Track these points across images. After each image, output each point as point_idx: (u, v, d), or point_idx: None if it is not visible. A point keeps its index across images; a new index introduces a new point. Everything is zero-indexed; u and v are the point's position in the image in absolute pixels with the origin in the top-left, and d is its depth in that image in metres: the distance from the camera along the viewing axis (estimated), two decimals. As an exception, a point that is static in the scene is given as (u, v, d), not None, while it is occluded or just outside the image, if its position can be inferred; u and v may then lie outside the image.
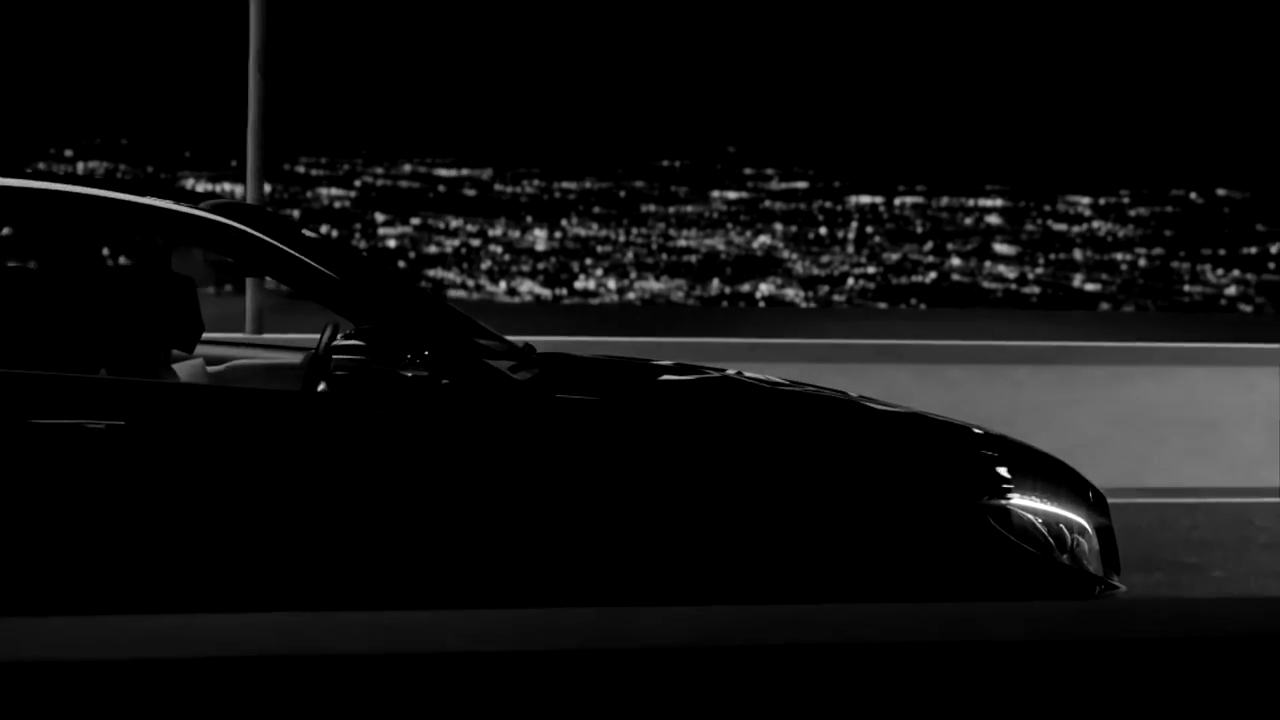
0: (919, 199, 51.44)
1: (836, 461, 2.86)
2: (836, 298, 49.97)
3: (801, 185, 52.44)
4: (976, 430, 3.12)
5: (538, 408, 2.79)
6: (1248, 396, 6.61)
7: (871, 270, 50.67)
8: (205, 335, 3.29)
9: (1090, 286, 50.79)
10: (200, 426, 2.79)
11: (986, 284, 49.62)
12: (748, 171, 52.18)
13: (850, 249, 52.07)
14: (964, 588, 2.79)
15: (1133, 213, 50.37)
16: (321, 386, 3.02)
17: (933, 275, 50.49)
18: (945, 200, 50.60)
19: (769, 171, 52.09)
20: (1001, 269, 50.02)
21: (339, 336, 3.32)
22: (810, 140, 51.46)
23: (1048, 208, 50.74)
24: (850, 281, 50.31)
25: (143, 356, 3.09)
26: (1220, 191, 49.73)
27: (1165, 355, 6.90)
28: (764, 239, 53.11)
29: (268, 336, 6.32)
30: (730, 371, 3.49)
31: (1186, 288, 50.26)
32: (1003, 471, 2.90)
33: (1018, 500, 2.96)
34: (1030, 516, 2.91)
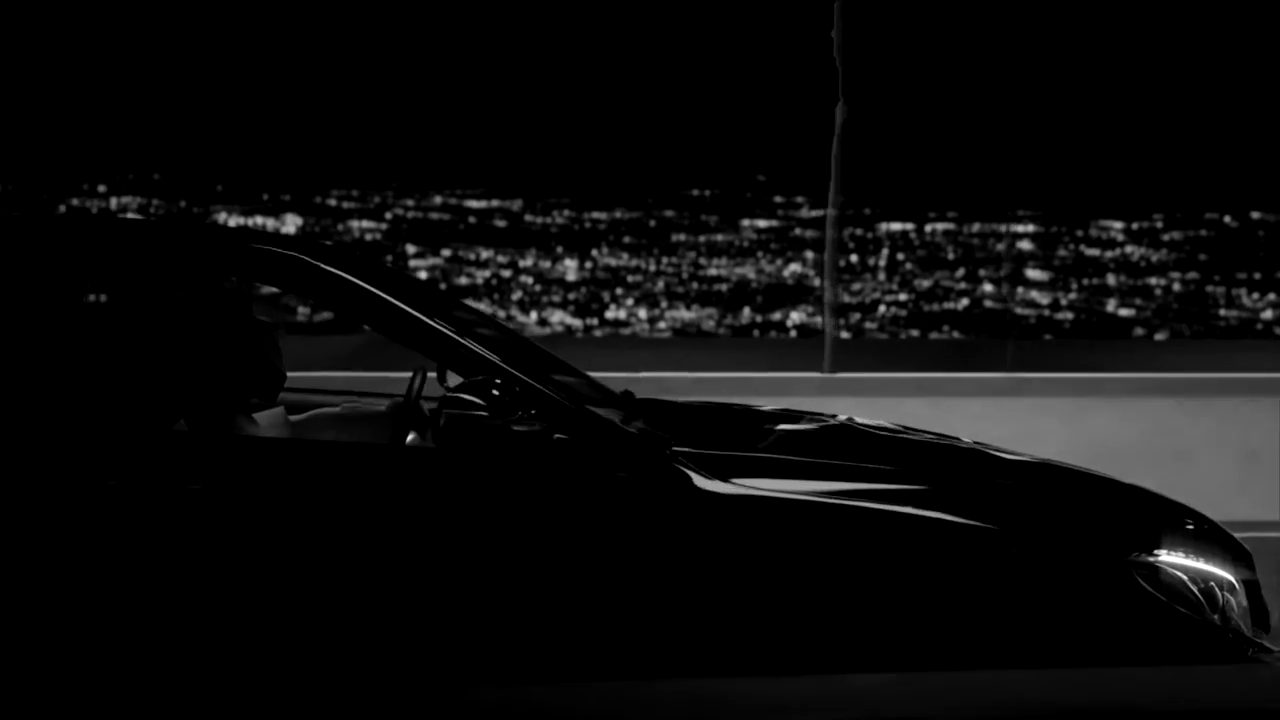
0: (950, 225, 51.32)
1: (976, 517, 2.65)
2: (869, 325, 49.88)
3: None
4: (1116, 481, 2.91)
5: (657, 464, 2.60)
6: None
7: (903, 297, 50.53)
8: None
9: (1124, 312, 50.57)
10: (293, 486, 2.60)
11: (1019, 310, 49.39)
12: (778, 200, 52.04)
13: (881, 276, 51.94)
14: (1114, 651, 2.59)
15: (1166, 237, 50.16)
16: (411, 437, 2.84)
17: (965, 302, 50.33)
18: (976, 226, 50.42)
19: (799, 199, 51.85)
20: (1034, 295, 49.79)
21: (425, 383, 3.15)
22: (841, 167, 50.74)
23: (1080, 233, 50.56)
24: (882, 309, 50.18)
25: (222, 406, 2.92)
26: (1255, 214, 49.52)
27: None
28: (794, 267, 53.05)
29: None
30: (841, 418, 3.30)
31: (1222, 312, 50.02)
32: (1148, 525, 2.69)
33: (1166, 557, 2.71)
34: (1179, 574, 2.71)
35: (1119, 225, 53.96)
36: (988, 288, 53.53)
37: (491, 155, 52.68)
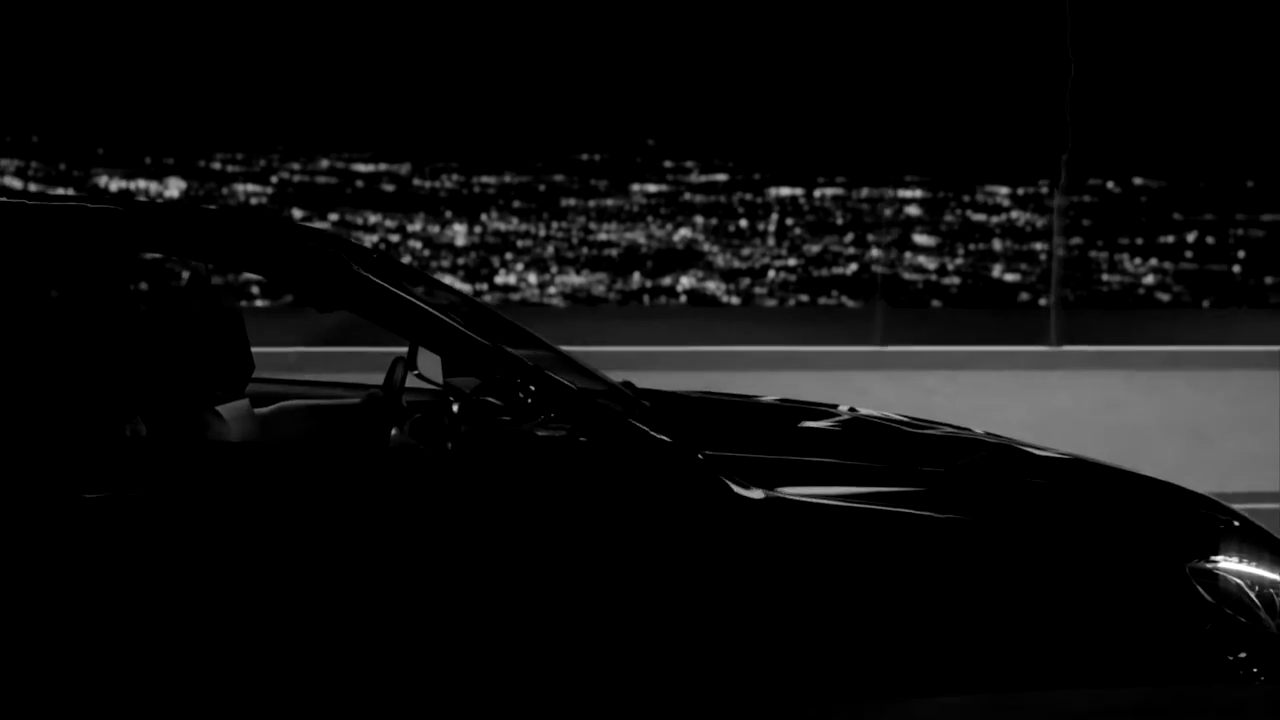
0: (839, 190, 51.66)
1: (1024, 521, 2.44)
2: (758, 290, 50.13)
3: (721, 178, 52.52)
4: (1156, 479, 2.72)
5: (690, 472, 2.35)
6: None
7: (792, 262, 50.83)
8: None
9: (1010, 277, 51.27)
10: (280, 492, 2.30)
11: (907, 275, 49.87)
12: (667, 164, 52.11)
13: (771, 241, 52.21)
14: (1173, 664, 2.40)
15: (1050, 203, 50.65)
16: (394, 432, 2.55)
17: (853, 267, 50.72)
18: (865, 191, 50.80)
19: (688, 164, 52.02)
20: (922, 260, 50.29)
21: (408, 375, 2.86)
22: (729, 132, 51.35)
23: (967, 198, 51.16)
24: (771, 274, 50.41)
25: (185, 401, 2.64)
26: (1137, 180, 50.42)
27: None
28: (684, 232, 53.11)
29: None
30: (844, 409, 3.10)
31: (1105, 277, 50.87)
32: (1202, 528, 2.50)
33: (1223, 563, 2.50)
34: (1237, 580, 2.51)
35: (1005, 190, 54.50)
36: (876, 253, 53.93)
37: (379, 118, 52.20)
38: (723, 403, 3.02)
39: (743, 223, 51.64)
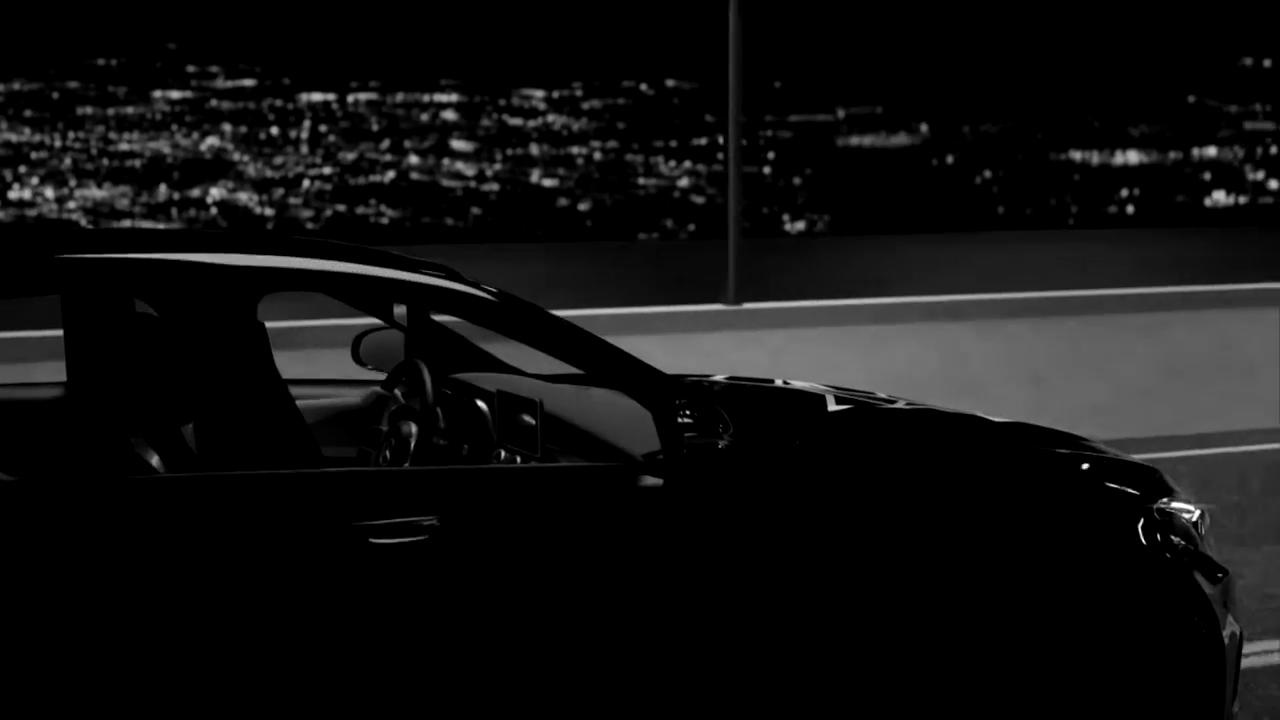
0: (373, 95, 50.55)
1: (1036, 488, 2.67)
2: (293, 200, 48.67)
3: (249, 83, 50.61)
4: (1077, 435, 3.00)
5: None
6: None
7: (328, 171, 49.55)
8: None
9: (548, 182, 51.31)
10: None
11: (446, 182, 49.31)
12: (191, 69, 49.87)
13: (304, 149, 50.79)
14: (1156, 587, 2.71)
15: (586, 106, 51.16)
16: (408, 427, 2.56)
17: (391, 174, 49.81)
18: (400, 96, 49.91)
19: (213, 69, 49.93)
20: (460, 166, 49.83)
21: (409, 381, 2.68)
22: (256, 35, 49.51)
23: (503, 102, 50.86)
24: (307, 183, 49.03)
25: (176, 416, 2.53)
26: (670, 83, 51.11)
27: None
28: (212, 141, 51.07)
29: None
30: (721, 378, 3.10)
31: (641, 180, 51.54)
32: (1153, 476, 2.88)
33: (1173, 502, 2.88)
34: (1185, 516, 2.89)
35: (540, 94, 54.34)
36: (414, 160, 52.96)
37: None
38: (802, 395, 2.96)
39: (274, 130, 49.90)
